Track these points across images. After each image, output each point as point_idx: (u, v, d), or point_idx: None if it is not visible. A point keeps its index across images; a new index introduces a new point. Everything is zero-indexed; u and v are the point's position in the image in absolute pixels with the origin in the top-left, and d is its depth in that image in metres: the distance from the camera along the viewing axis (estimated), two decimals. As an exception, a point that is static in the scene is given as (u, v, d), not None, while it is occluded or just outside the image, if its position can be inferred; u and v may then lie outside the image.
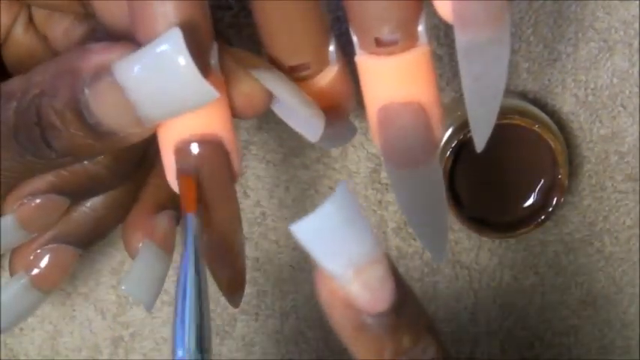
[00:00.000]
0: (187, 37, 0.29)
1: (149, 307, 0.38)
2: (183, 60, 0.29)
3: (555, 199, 0.44)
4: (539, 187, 0.45)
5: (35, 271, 0.38)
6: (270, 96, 0.34)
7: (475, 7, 0.32)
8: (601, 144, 0.47)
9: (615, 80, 0.47)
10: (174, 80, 0.30)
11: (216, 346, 0.49)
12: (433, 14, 0.34)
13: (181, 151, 0.32)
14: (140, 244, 0.38)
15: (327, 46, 0.35)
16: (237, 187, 0.48)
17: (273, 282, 0.49)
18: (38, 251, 0.38)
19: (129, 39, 0.32)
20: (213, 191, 0.33)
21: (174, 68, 0.29)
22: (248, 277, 0.48)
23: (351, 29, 0.34)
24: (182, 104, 0.31)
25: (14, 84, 0.32)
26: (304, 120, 0.36)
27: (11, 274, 0.39)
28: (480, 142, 0.35)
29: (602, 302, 0.48)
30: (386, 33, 0.33)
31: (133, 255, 0.39)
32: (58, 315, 0.49)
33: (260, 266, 0.49)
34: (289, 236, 0.49)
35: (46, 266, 0.39)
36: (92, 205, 0.39)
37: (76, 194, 0.37)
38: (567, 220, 0.48)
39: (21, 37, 0.38)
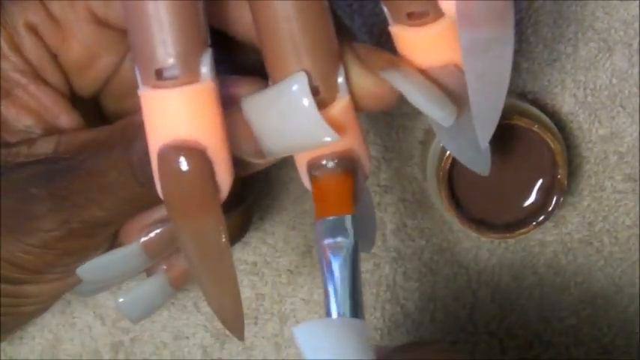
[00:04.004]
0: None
1: (135, 323, 0.42)
2: (307, 102, 0.32)
3: (555, 199, 0.44)
4: (538, 187, 0.45)
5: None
6: (395, 92, 0.35)
7: (478, 4, 0.32)
8: (600, 144, 0.47)
9: (614, 80, 0.47)
10: (296, 119, 0.32)
11: (217, 350, 0.49)
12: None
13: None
14: (155, 272, 0.40)
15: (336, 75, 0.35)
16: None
17: (271, 286, 0.49)
18: None
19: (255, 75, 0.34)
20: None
21: (297, 108, 0.32)
22: (247, 280, 0.49)
23: (384, 6, 0.35)
24: (301, 142, 0.33)
25: None
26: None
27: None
28: (483, 140, 0.35)
29: (602, 302, 0.48)
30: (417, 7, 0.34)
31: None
32: (57, 322, 0.49)
33: (258, 270, 0.49)
34: (287, 240, 0.49)
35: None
36: None
37: None
38: (566, 220, 0.48)
39: (128, 71, 0.40)
